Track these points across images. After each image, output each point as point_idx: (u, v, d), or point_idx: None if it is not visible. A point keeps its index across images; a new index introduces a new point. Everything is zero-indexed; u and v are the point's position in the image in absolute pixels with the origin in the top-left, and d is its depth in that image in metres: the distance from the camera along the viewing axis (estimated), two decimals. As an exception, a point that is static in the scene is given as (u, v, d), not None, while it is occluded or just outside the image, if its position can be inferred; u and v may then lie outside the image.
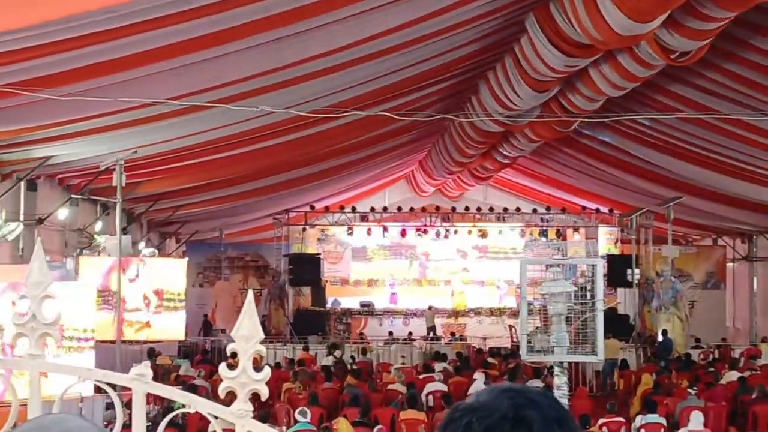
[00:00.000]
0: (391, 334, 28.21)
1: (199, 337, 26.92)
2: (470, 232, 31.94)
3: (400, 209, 31.32)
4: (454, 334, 30.19)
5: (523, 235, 32.36)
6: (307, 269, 29.05)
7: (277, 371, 18.34)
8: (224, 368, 2.88)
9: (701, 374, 19.46)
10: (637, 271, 26.40)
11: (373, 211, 31.10)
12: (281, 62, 13.33)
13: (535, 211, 31.45)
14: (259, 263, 31.76)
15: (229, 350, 2.90)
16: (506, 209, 31.30)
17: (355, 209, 30.96)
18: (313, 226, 31.23)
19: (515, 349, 22.75)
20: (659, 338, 23.73)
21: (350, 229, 30.94)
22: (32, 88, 11.22)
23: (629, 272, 26.32)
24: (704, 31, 13.71)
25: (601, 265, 13.47)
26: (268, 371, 2.89)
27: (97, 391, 11.67)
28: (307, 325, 27.27)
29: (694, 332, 25.38)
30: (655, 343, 24.15)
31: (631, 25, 12.68)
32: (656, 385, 17.78)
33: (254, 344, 2.87)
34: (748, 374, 18.49)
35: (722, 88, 17.57)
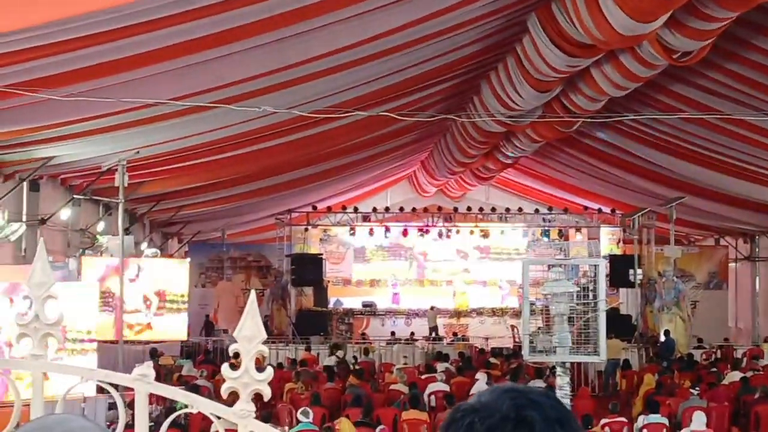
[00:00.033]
0: (393, 334, 28.24)
1: (201, 337, 26.94)
2: (472, 232, 31.94)
3: (402, 209, 31.30)
4: (456, 334, 30.18)
5: (525, 235, 32.37)
6: (309, 269, 29.05)
7: (279, 371, 18.37)
8: (227, 368, 2.88)
9: (704, 374, 19.43)
10: (639, 271, 26.37)
11: (375, 211, 31.05)
12: (284, 62, 13.33)
13: (537, 211, 31.42)
14: (261, 263, 31.73)
15: (231, 350, 2.90)
16: (508, 209, 31.26)
17: (357, 209, 30.95)
18: (315, 226, 31.22)
19: (517, 349, 22.76)
20: (661, 338, 23.73)
21: (352, 229, 30.92)
22: (35, 88, 11.23)
23: (631, 272, 26.29)
24: (706, 31, 13.70)
25: (603, 265, 13.47)
26: (270, 371, 2.89)
27: (99, 391, 11.68)
28: (309, 325, 27.27)
29: (696, 332, 25.38)
30: (657, 343, 24.14)
31: (633, 25, 12.67)
32: (658, 385, 17.78)
33: (257, 344, 2.87)
34: (750, 374, 18.49)
35: (724, 88, 17.55)
